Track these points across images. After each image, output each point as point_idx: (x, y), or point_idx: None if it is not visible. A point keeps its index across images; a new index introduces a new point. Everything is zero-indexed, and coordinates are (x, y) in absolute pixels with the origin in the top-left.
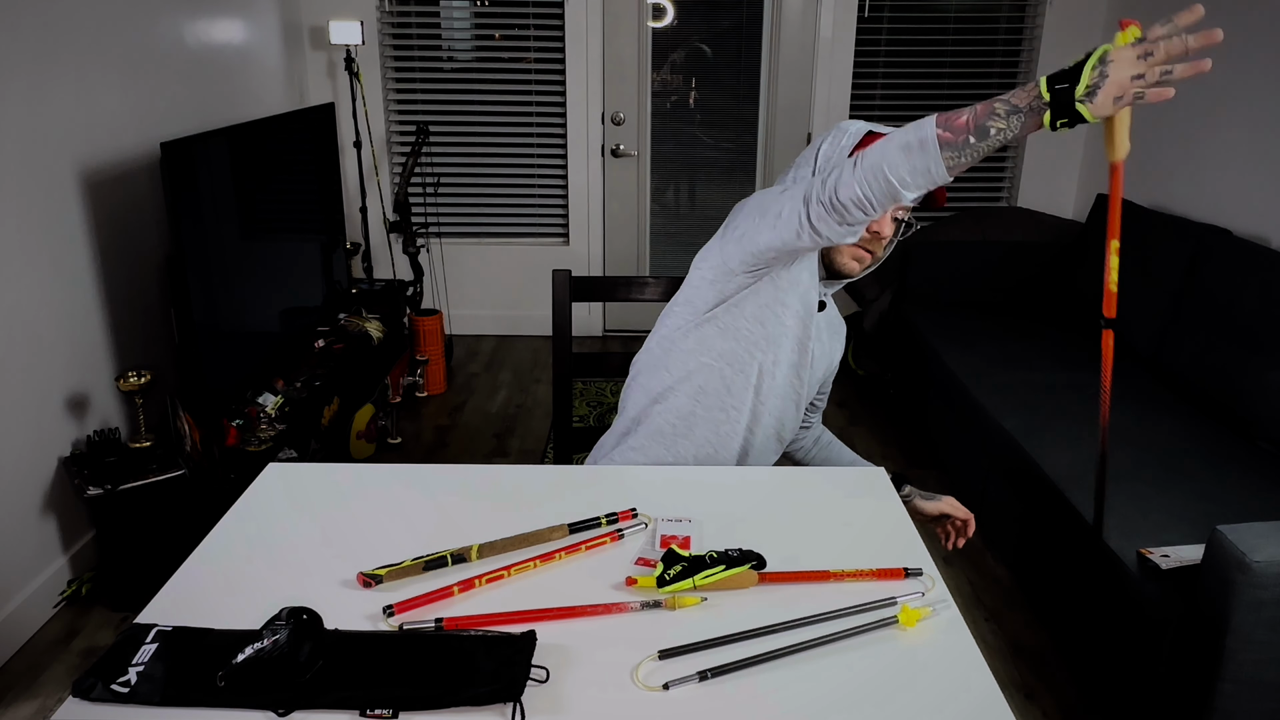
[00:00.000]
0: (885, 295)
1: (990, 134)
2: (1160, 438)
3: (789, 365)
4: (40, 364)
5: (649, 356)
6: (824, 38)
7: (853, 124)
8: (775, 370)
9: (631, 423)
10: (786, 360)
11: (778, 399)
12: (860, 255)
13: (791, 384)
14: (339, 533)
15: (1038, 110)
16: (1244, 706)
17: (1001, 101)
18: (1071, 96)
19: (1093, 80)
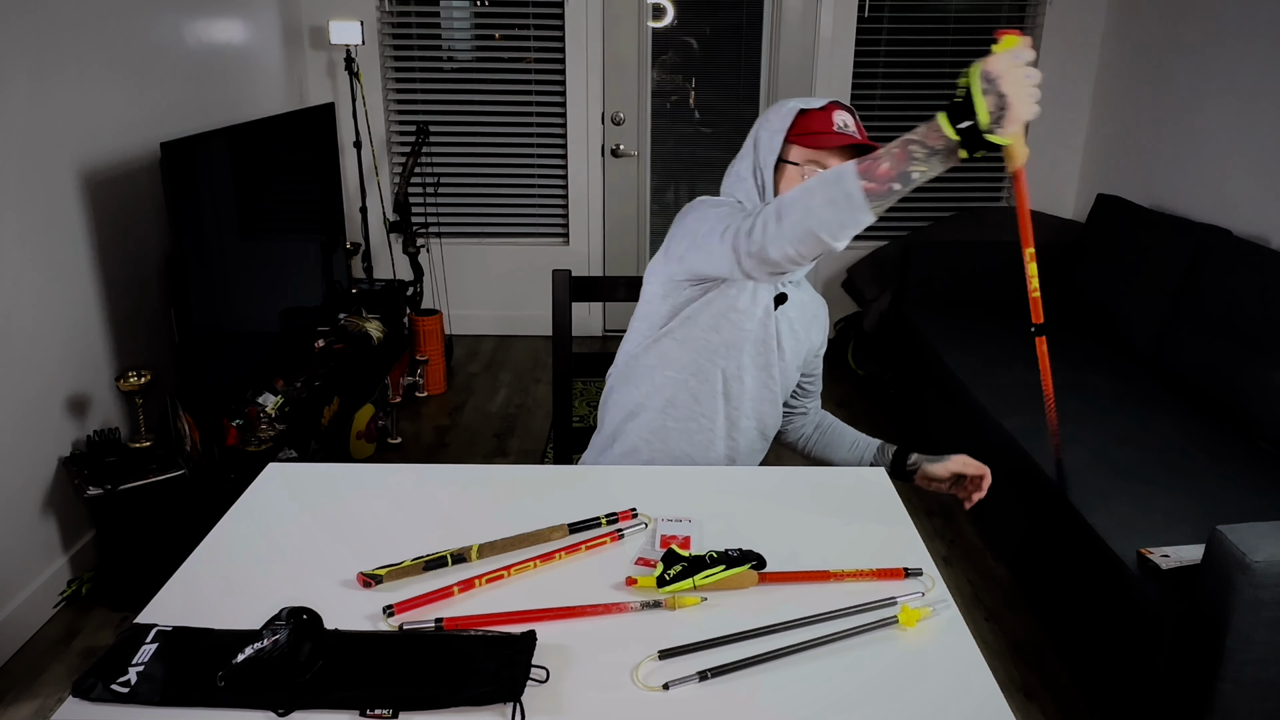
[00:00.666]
0: (885, 295)
1: (912, 178)
2: (1160, 438)
3: (757, 367)
4: (40, 364)
5: (618, 371)
6: (824, 38)
7: (785, 104)
8: (742, 375)
9: (609, 439)
10: (752, 363)
11: (752, 400)
12: None
13: (764, 383)
14: (339, 533)
15: (952, 149)
16: (1244, 706)
17: (916, 144)
18: (978, 132)
19: (991, 108)
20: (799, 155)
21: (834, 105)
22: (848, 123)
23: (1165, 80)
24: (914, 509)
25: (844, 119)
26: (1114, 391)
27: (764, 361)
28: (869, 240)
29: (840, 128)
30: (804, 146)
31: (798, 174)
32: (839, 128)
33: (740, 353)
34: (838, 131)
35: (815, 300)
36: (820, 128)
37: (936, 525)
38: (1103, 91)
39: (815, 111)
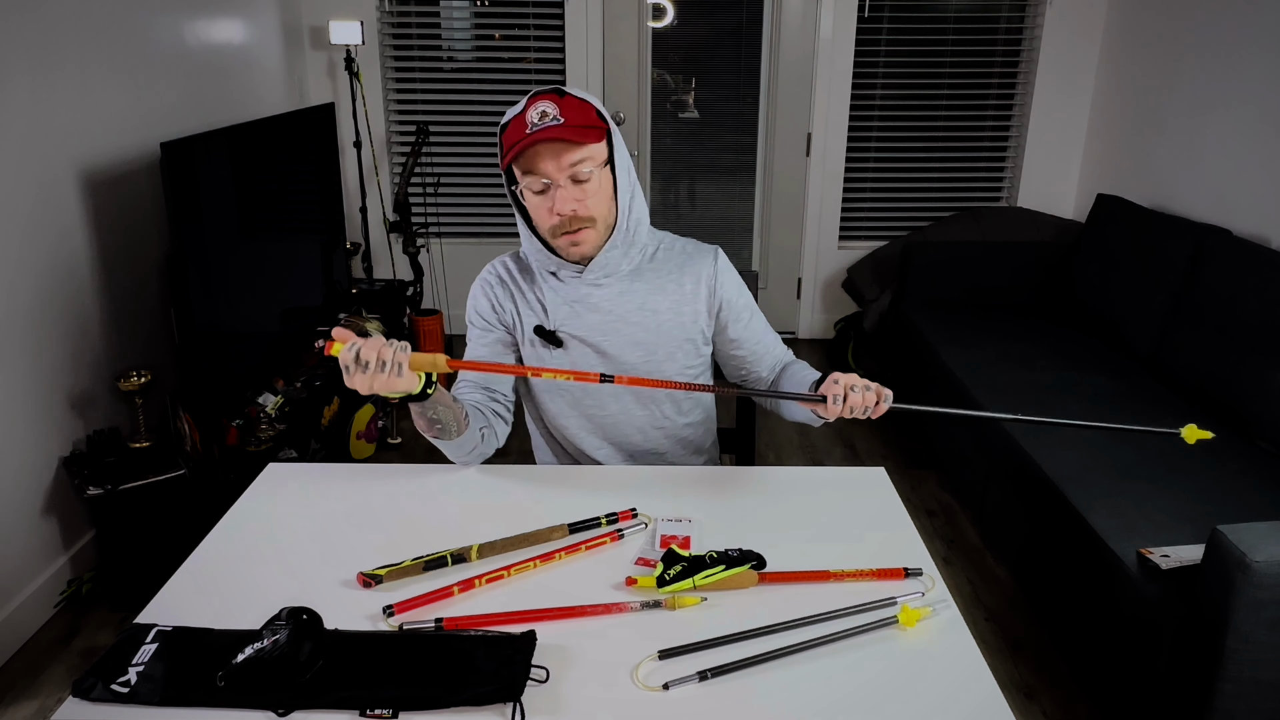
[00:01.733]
0: (885, 295)
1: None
2: (1160, 437)
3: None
4: (40, 364)
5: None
6: (824, 38)
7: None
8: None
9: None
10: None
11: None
12: (575, 240)
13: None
14: (339, 533)
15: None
16: (1244, 706)
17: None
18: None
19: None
20: (518, 174)
21: (534, 98)
22: (546, 111)
23: (1165, 80)
24: (914, 509)
25: (540, 110)
26: (1114, 391)
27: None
28: (869, 240)
29: (535, 124)
30: (510, 161)
31: (527, 194)
32: (532, 125)
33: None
34: (530, 132)
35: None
36: (515, 137)
37: (936, 525)
38: (1103, 91)
39: (514, 119)
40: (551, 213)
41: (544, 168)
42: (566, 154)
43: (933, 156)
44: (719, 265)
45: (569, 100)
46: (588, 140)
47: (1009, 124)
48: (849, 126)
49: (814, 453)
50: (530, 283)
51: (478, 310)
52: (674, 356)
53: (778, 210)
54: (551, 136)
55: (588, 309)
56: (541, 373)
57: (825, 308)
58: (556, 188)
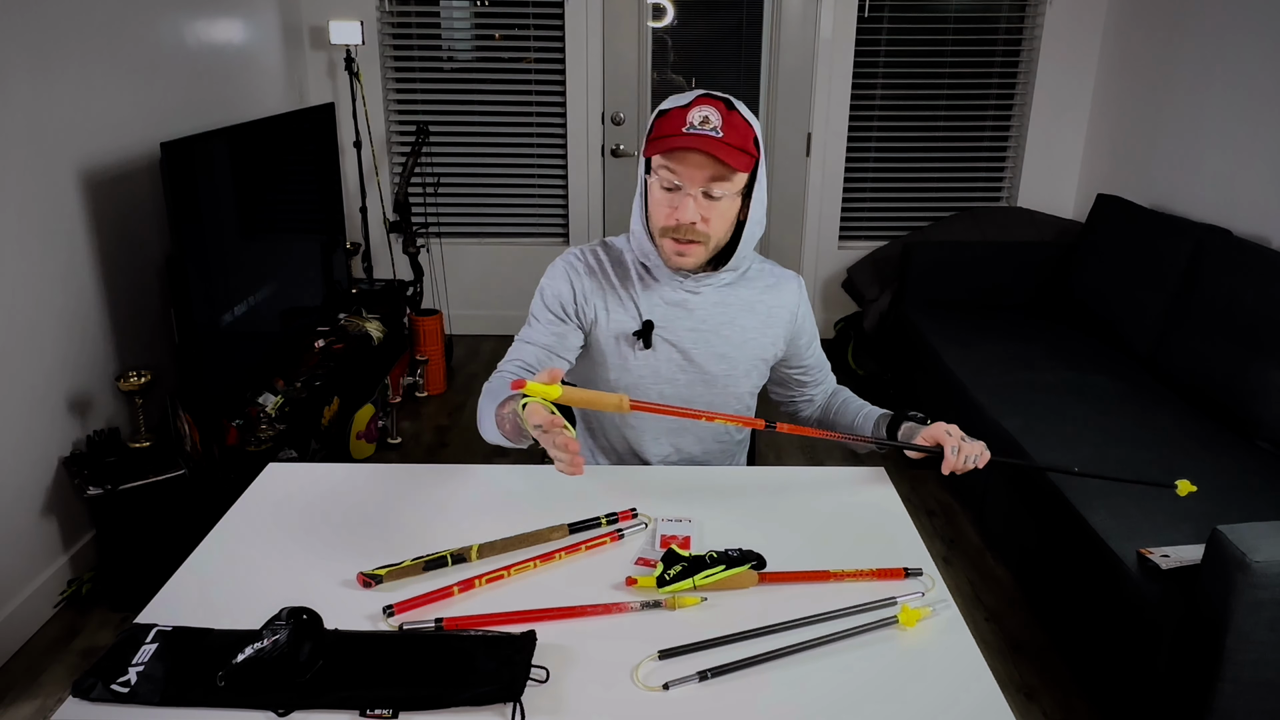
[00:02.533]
0: (885, 295)
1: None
2: (1160, 437)
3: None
4: (40, 364)
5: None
6: (824, 38)
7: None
8: (618, 416)
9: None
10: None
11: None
12: (681, 250)
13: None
14: (339, 533)
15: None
16: (1244, 706)
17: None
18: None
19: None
20: (655, 162)
21: (700, 100)
22: (709, 118)
23: (1165, 80)
24: (914, 509)
25: (703, 114)
26: (1114, 391)
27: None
28: (869, 240)
29: (694, 126)
30: (653, 153)
31: (654, 182)
32: (691, 127)
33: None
34: (686, 133)
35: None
36: (669, 129)
37: (936, 525)
38: (1103, 91)
39: (675, 110)
40: (671, 214)
41: (683, 172)
42: (712, 168)
43: (933, 156)
44: (802, 295)
45: (734, 117)
46: (737, 165)
47: (1009, 124)
48: (849, 126)
49: (814, 453)
50: (623, 277)
51: (558, 296)
52: (749, 375)
53: (778, 210)
54: (704, 148)
55: (683, 314)
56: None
57: (825, 308)
58: (687, 195)
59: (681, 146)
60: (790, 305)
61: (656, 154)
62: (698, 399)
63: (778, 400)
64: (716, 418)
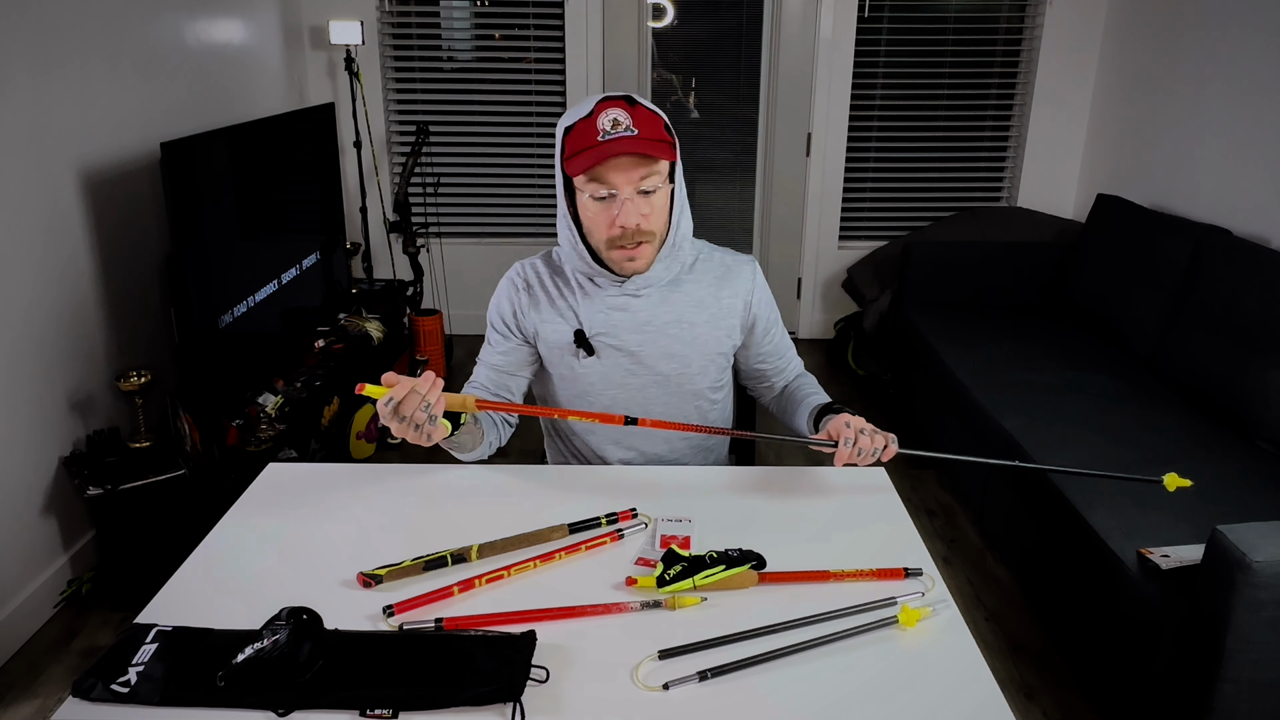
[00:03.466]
0: (885, 295)
1: (455, 442)
2: (1160, 437)
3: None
4: (40, 364)
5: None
6: (824, 38)
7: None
8: (572, 425)
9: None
10: (588, 407)
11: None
12: (631, 255)
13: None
14: (339, 533)
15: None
16: (1244, 706)
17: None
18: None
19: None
20: (578, 180)
21: (603, 104)
22: (619, 119)
23: (1165, 80)
24: (914, 509)
25: (612, 117)
26: (1114, 391)
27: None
28: (869, 240)
29: (607, 132)
30: (577, 171)
31: (583, 200)
32: (605, 133)
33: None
34: (602, 141)
35: (718, 290)
36: (584, 142)
37: (936, 525)
38: (1103, 91)
39: (580, 122)
40: (612, 224)
41: (613, 178)
42: (639, 167)
43: (933, 156)
44: (756, 280)
45: (640, 110)
46: (660, 155)
47: (1009, 124)
48: (849, 126)
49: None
50: (563, 287)
51: (500, 314)
52: (706, 371)
53: (778, 210)
54: (627, 150)
55: (625, 318)
56: (568, 414)
57: (825, 308)
58: (623, 200)
59: (608, 155)
60: (743, 293)
61: (582, 171)
62: (653, 400)
63: (742, 387)
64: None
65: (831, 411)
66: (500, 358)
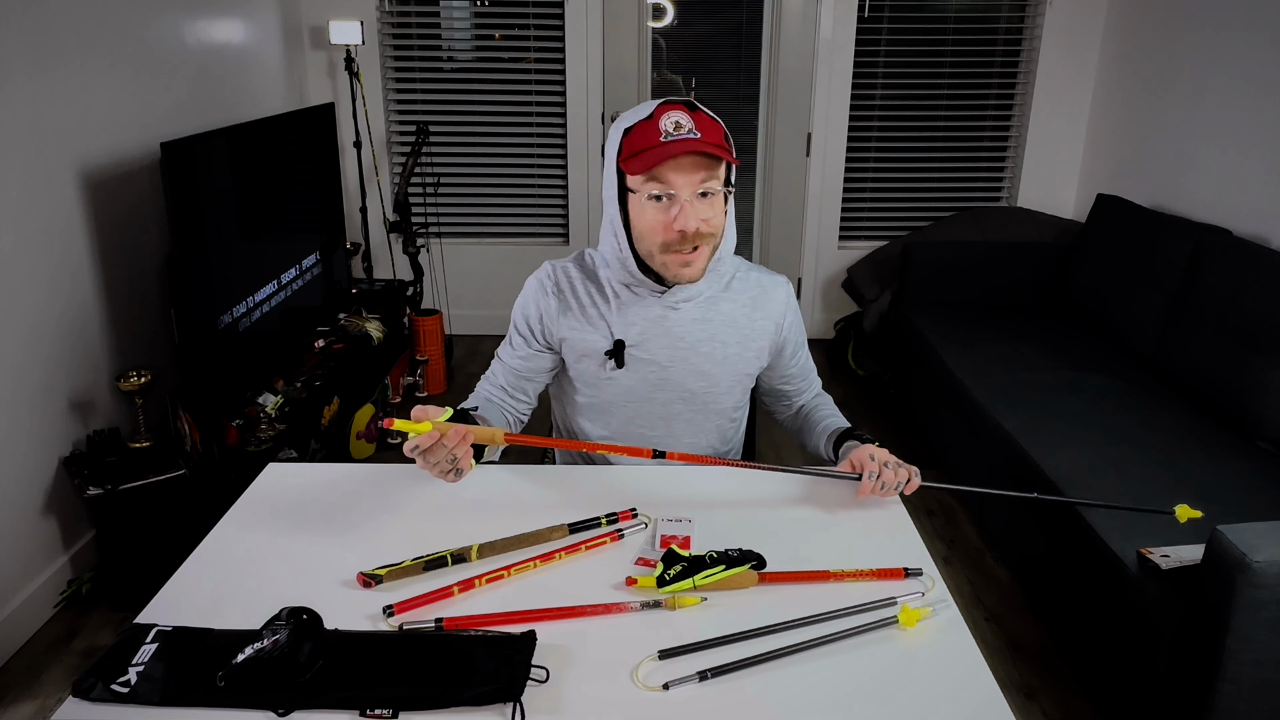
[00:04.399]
0: (885, 295)
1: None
2: (1160, 437)
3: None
4: (40, 364)
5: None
6: (824, 38)
7: (618, 122)
8: (590, 438)
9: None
10: (610, 419)
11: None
12: (687, 260)
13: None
14: (339, 533)
15: None
16: (1244, 706)
17: None
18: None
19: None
20: (635, 181)
21: (664, 107)
22: (680, 122)
23: (1165, 80)
24: (914, 509)
25: (674, 120)
26: (1114, 391)
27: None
28: (869, 240)
29: (670, 133)
30: (636, 171)
31: (638, 201)
32: (667, 134)
33: (581, 415)
34: (666, 141)
35: (752, 312)
36: (645, 142)
37: (936, 525)
38: (1103, 91)
39: (641, 124)
40: (670, 227)
41: (674, 179)
42: (700, 169)
43: (933, 156)
44: (789, 304)
45: (701, 116)
46: (726, 157)
47: (1009, 124)
48: (849, 126)
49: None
50: (595, 294)
51: (525, 316)
52: (732, 391)
53: (778, 210)
54: (691, 149)
55: (661, 332)
56: (596, 448)
57: (825, 308)
58: (683, 201)
59: (672, 155)
60: (776, 316)
61: (643, 171)
62: (677, 417)
63: (761, 401)
64: (591, 446)
65: (852, 437)
66: (520, 361)
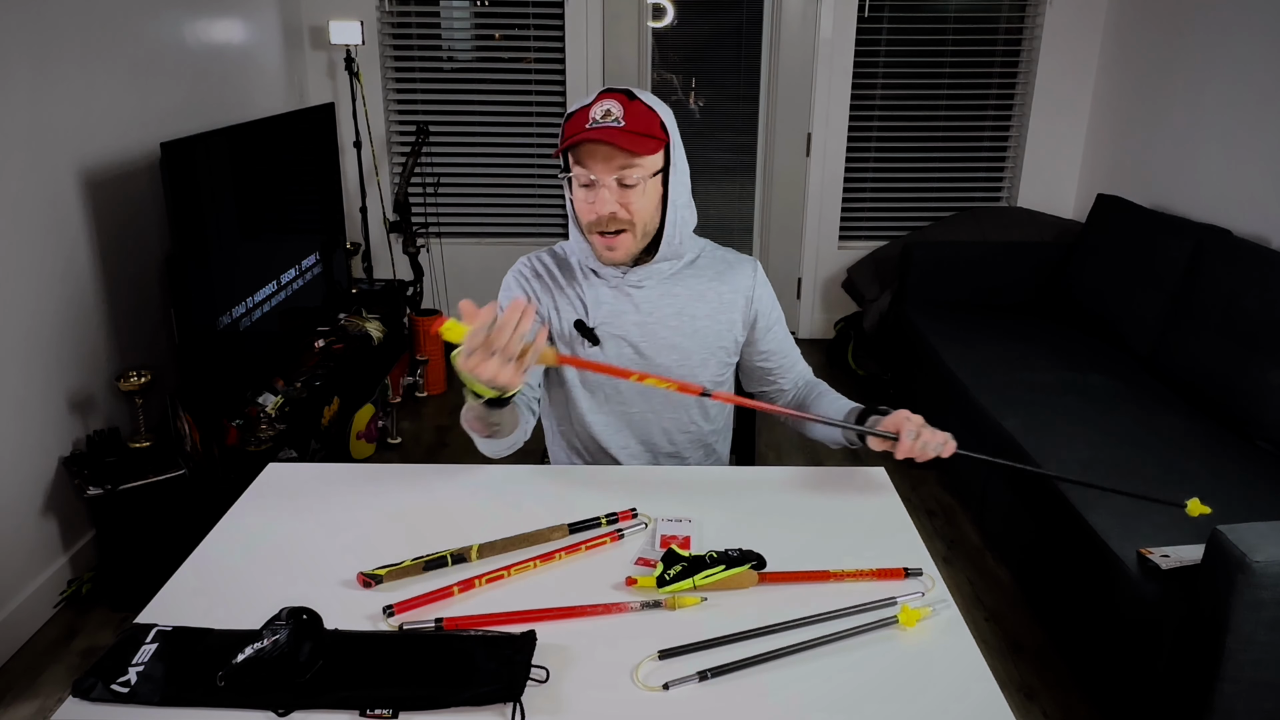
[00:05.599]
0: (885, 295)
1: (492, 422)
2: (1160, 437)
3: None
4: (40, 364)
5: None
6: (824, 38)
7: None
8: (578, 411)
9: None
10: (589, 394)
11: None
12: (609, 243)
13: (603, 403)
14: (339, 533)
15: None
16: (1244, 706)
17: (472, 411)
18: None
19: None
20: (570, 163)
21: (601, 95)
22: (610, 110)
23: (1165, 80)
24: (914, 509)
25: (605, 108)
26: (1113, 391)
27: (588, 390)
28: (869, 240)
29: (596, 121)
30: (563, 150)
31: (574, 184)
32: (594, 121)
33: (557, 403)
34: (589, 128)
35: (719, 285)
36: (573, 129)
37: (936, 525)
38: (1103, 91)
39: (579, 111)
40: (591, 209)
41: (593, 165)
42: (618, 158)
43: (933, 156)
44: (758, 278)
45: (636, 105)
46: (640, 150)
47: (1009, 124)
48: (849, 126)
49: (814, 453)
50: (570, 279)
51: (515, 300)
52: (707, 364)
53: (778, 210)
54: (605, 139)
55: (628, 309)
56: (646, 379)
57: (825, 308)
58: (601, 187)
59: (586, 139)
60: (744, 289)
61: (566, 150)
62: (654, 392)
63: (749, 391)
64: (647, 379)
65: (877, 412)
66: None
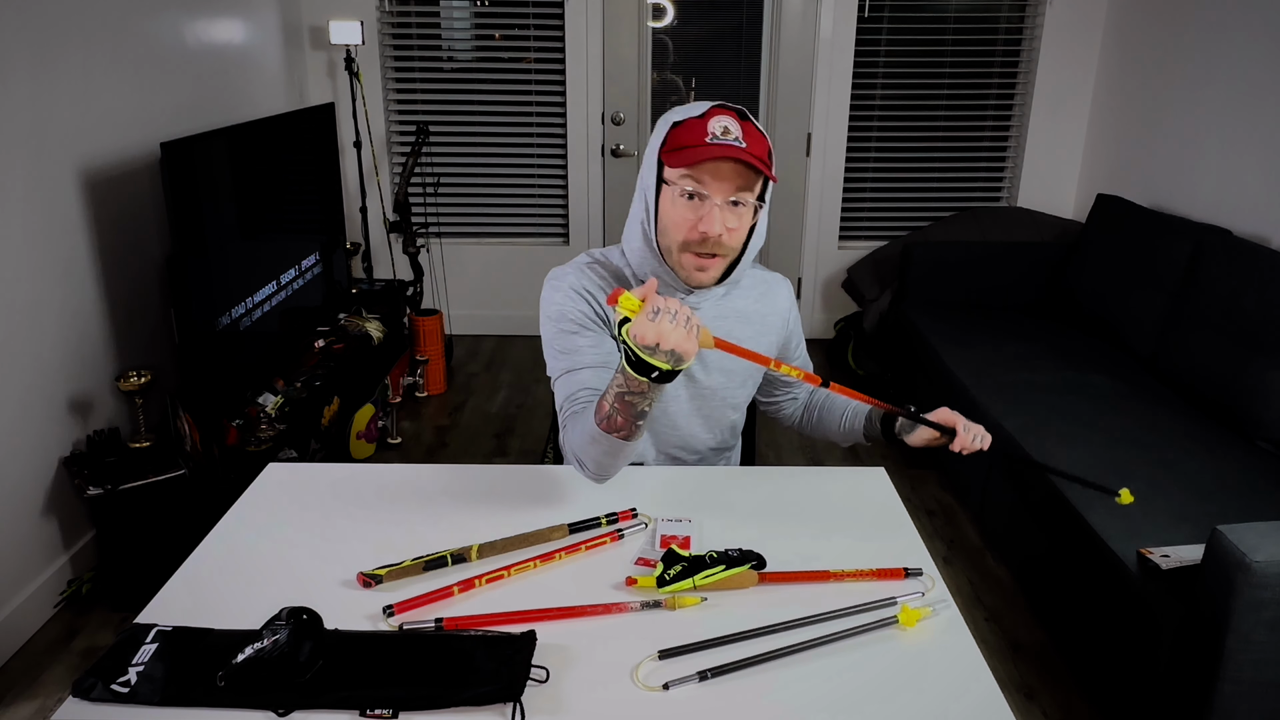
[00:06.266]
0: (885, 295)
1: (647, 412)
2: (1160, 437)
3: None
4: (40, 364)
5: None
6: (824, 38)
7: (668, 115)
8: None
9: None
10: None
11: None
12: (703, 264)
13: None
14: (339, 533)
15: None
16: (1244, 706)
17: (629, 395)
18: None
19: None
20: (672, 174)
21: (716, 110)
22: (729, 129)
23: (1165, 80)
24: (914, 509)
25: (723, 124)
26: (1114, 391)
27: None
28: (869, 240)
29: (716, 136)
30: (675, 165)
31: (670, 194)
32: (714, 136)
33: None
34: (710, 143)
35: (762, 307)
36: (690, 140)
37: (936, 525)
38: (1103, 91)
39: (691, 120)
40: (695, 226)
41: (710, 181)
42: (737, 178)
43: (933, 156)
44: (791, 299)
45: (750, 127)
46: (766, 173)
47: (1009, 124)
48: (849, 126)
49: (814, 453)
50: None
51: (583, 313)
52: (745, 385)
53: (778, 210)
54: (733, 155)
55: None
56: (780, 366)
57: (825, 308)
58: (712, 205)
59: (712, 156)
60: (782, 311)
61: (682, 165)
62: (695, 412)
63: (760, 402)
64: (783, 366)
65: (907, 413)
66: (604, 355)
